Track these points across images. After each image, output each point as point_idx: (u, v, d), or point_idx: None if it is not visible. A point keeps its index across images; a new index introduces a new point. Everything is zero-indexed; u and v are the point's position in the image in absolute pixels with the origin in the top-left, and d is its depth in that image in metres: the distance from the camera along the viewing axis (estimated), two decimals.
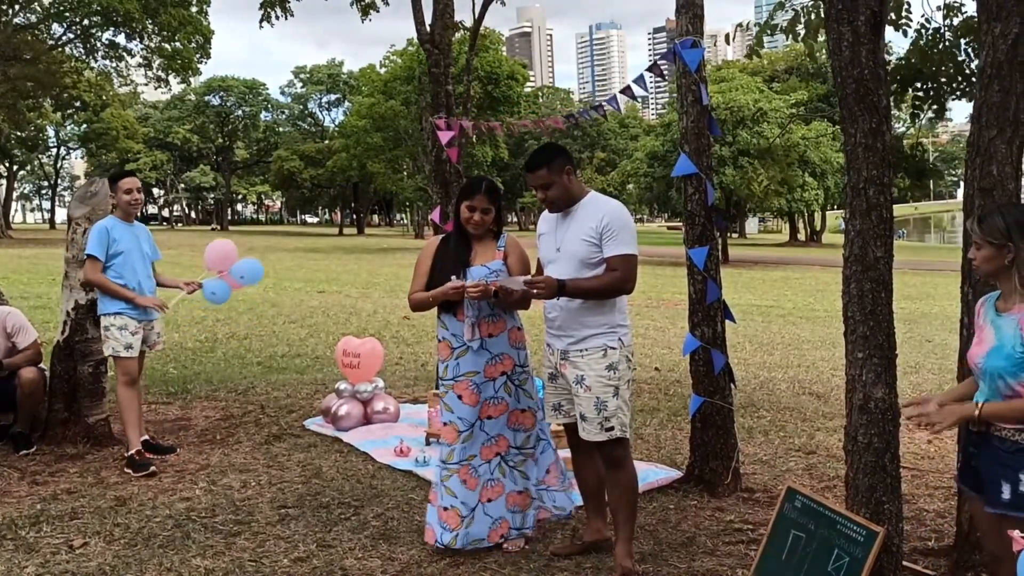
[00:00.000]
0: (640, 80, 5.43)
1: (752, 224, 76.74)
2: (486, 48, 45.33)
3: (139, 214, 5.62)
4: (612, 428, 3.76)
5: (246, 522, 4.40)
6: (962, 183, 3.80)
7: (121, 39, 38.54)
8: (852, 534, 3.38)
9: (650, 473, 5.18)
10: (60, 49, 38.88)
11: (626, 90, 5.59)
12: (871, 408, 3.41)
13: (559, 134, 72.53)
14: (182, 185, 78.36)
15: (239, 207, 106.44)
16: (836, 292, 3.61)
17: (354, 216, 76.90)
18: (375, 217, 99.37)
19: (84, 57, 40.03)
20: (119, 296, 5.31)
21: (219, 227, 72.89)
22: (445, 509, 4.07)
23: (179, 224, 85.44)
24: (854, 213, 3.39)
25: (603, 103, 5.80)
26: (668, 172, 29.65)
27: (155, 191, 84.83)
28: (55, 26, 38.35)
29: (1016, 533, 2.72)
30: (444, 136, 6.73)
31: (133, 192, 5.46)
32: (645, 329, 12.45)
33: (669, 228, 78.23)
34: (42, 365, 5.96)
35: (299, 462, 5.48)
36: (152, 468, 5.19)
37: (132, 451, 5.27)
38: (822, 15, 4.03)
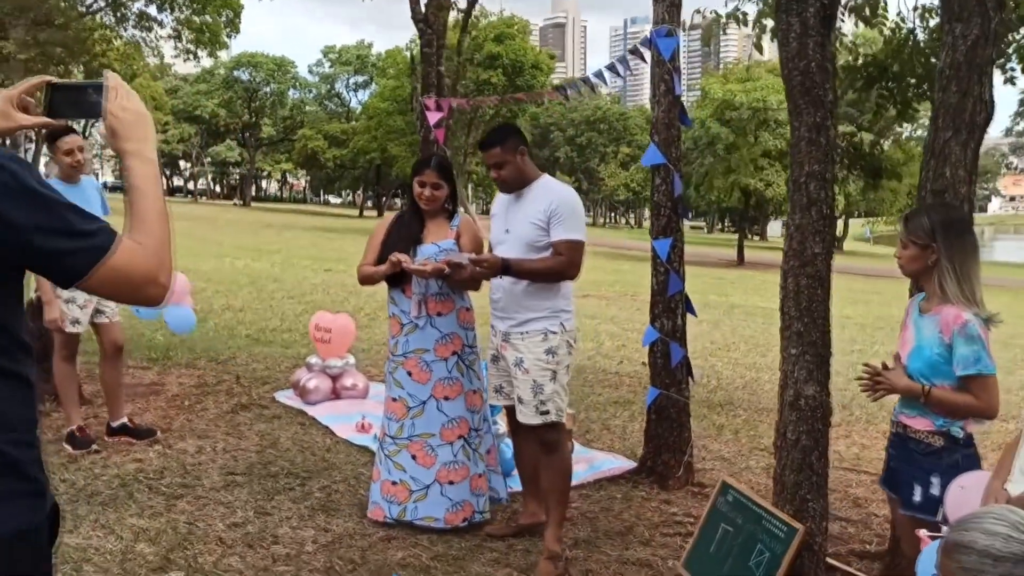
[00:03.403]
0: (623, 62, 5.37)
1: (774, 227, 76.13)
2: (512, 36, 45.07)
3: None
4: (547, 412, 3.76)
5: (191, 486, 4.44)
6: None
7: (152, 10, 38.81)
8: (774, 530, 3.36)
9: (605, 462, 5.17)
10: (91, 16, 39.16)
11: (611, 67, 5.55)
12: (801, 405, 3.39)
13: (585, 126, 72.20)
14: (208, 159, 78.83)
15: (263, 184, 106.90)
16: (846, 299, 3.58)
17: (376, 199, 77.07)
18: (397, 200, 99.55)
19: (115, 26, 40.29)
20: (46, 298, 4.88)
21: (242, 202, 73.32)
22: (394, 483, 4.07)
23: (203, 197, 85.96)
24: (794, 207, 3.36)
25: (590, 76, 5.74)
26: (688, 170, 29.49)
27: (181, 163, 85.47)
28: None
29: (923, 532, 2.70)
30: (432, 116, 6.72)
31: (74, 152, 4.90)
32: (631, 323, 12.38)
33: (692, 228, 77.86)
34: None
35: (259, 432, 5.51)
36: (94, 446, 4.94)
37: (72, 427, 4.99)
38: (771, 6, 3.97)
